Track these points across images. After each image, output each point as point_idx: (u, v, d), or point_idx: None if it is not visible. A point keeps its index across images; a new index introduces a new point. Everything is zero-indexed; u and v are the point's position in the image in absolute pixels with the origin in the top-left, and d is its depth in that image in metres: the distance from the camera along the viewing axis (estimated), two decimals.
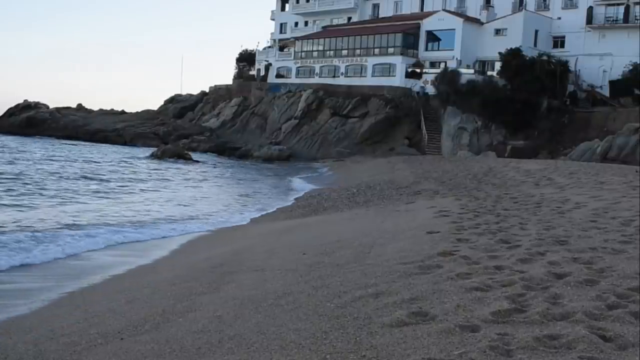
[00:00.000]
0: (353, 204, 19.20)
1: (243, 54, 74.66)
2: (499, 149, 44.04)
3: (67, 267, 11.05)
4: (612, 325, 4.63)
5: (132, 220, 16.90)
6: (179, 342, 5.50)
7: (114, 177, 30.06)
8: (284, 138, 56.03)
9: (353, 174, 34.51)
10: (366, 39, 57.81)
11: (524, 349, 4.24)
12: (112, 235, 14.25)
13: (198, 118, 68.19)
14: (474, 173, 26.28)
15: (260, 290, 7.15)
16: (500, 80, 47.07)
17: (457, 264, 7.12)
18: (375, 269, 7.42)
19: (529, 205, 13.20)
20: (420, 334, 4.75)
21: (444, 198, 16.98)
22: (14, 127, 64.16)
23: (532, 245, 8.04)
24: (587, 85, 49.44)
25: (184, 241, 14.23)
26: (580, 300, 5.30)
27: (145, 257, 12.12)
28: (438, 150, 47.53)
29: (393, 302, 5.70)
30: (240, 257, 10.31)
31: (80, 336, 6.17)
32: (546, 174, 22.71)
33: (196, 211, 20.00)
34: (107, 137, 62.44)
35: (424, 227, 10.62)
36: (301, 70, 62.69)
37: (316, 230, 13.52)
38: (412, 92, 52.14)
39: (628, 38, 48.82)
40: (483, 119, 46.31)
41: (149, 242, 14.17)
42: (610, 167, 27.25)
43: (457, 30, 53.89)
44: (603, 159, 35.13)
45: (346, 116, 54.22)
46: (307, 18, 71.49)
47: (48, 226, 14.90)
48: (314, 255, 9.10)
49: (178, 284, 8.41)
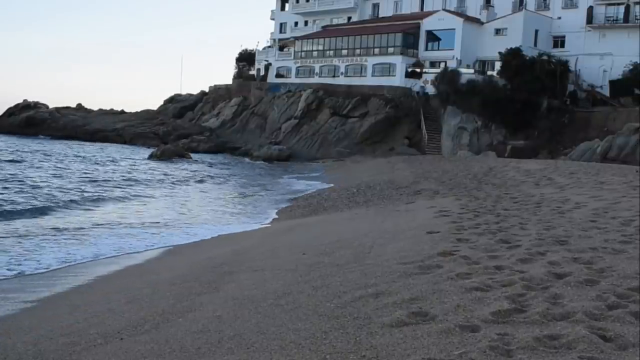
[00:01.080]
0: (353, 204, 19.19)
1: (243, 53, 74.64)
2: (499, 149, 44.02)
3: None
4: (612, 325, 4.62)
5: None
6: (179, 342, 5.49)
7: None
8: (283, 138, 56.01)
9: (353, 174, 34.49)
10: (366, 38, 57.78)
11: (524, 349, 4.24)
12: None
13: (198, 118, 68.16)
14: (474, 173, 26.27)
15: (260, 290, 7.14)
16: (500, 80, 47.05)
17: (457, 264, 7.11)
18: (375, 269, 7.41)
19: (529, 205, 13.19)
20: (420, 334, 4.74)
21: (444, 198, 16.97)
22: (13, 127, 64.13)
23: (532, 245, 8.03)
24: (587, 85, 49.42)
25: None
26: (581, 300, 5.29)
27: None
28: (438, 150, 47.51)
29: (393, 302, 5.69)
30: (240, 257, 10.30)
31: (79, 336, 6.17)
32: (546, 174, 22.70)
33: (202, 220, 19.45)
34: (106, 137, 62.47)
35: (424, 227, 10.61)
36: (301, 70, 62.66)
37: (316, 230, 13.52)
38: (412, 92, 52.11)
39: (628, 38, 48.80)
40: (483, 119, 46.30)
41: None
42: (611, 167, 27.23)
43: (457, 30, 53.87)
44: (603, 159, 35.11)
45: (346, 116, 54.20)
46: (307, 18, 71.46)
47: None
48: (313, 255, 9.10)
49: (178, 283, 8.40)
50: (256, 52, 71.38)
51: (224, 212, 20.39)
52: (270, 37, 75.22)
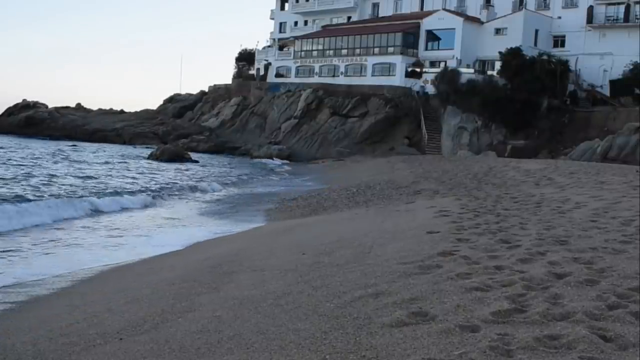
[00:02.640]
0: (353, 203, 19.18)
1: (242, 53, 74.67)
2: (499, 149, 44.03)
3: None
4: (612, 325, 4.61)
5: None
6: (178, 342, 5.48)
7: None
8: (283, 138, 56.02)
9: (353, 174, 34.47)
10: (366, 38, 57.79)
11: (524, 349, 4.23)
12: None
13: (197, 117, 68.18)
14: (474, 173, 26.25)
15: (260, 290, 7.13)
16: (500, 79, 47.07)
17: (457, 264, 7.10)
18: (375, 269, 7.39)
19: (529, 205, 13.18)
20: (420, 334, 4.73)
21: (444, 198, 16.95)
22: (12, 126, 64.13)
23: (532, 245, 8.01)
24: (587, 84, 49.45)
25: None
26: (581, 300, 5.28)
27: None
28: (438, 149, 47.51)
29: (393, 302, 5.68)
30: (239, 257, 10.28)
31: (79, 336, 6.15)
32: (546, 174, 22.68)
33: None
34: (106, 136, 62.47)
35: (424, 227, 10.60)
36: (301, 70, 62.66)
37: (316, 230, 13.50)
38: (412, 92, 52.12)
39: (628, 37, 48.82)
40: (483, 119, 46.32)
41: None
42: (611, 166, 27.22)
43: (457, 29, 53.90)
44: (603, 159, 35.11)
45: (346, 116, 54.20)
46: (306, 17, 71.47)
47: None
48: (313, 255, 9.08)
49: (177, 283, 8.38)
50: (256, 51, 71.41)
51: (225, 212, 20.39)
52: (270, 36, 75.26)
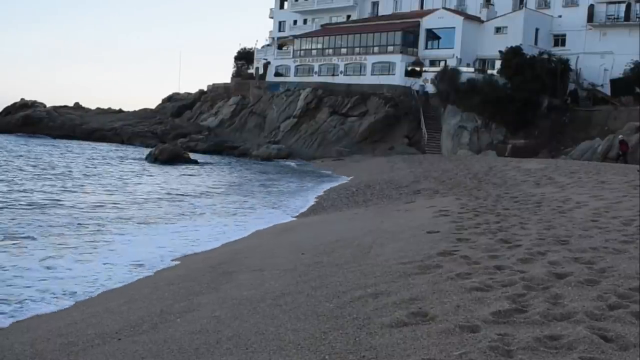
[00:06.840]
0: (352, 203, 19.17)
1: (241, 52, 74.61)
2: (499, 148, 44.00)
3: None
4: (613, 325, 4.60)
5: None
6: (177, 342, 5.47)
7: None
8: (282, 137, 55.97)
9: (352, 174, 34.47)
10: (365, 37, 57.73)
11: (524, 350, 4.21)
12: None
13: (196, 117, 68.07)
14: (474, 172, 26.24)
15: (259, 290, 7.11)
16: (500, 78, 47.01)
17: (457, 264, 7.08)
18: (374, 268, 7.38)
19: (529, 205, 13.16)
20: (420, 335, 4.71)
21: (444, 197, 16.94)
22: (10, 126, 64.05)
23: (532, 245, 8.00)
24: (588, 83, 49.37)
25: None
26: (581, 300, 5.27)
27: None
28: (438, 149, 47.48)
29: (392, 302, 5.66)
30: (239, 257, 10.27)
31: (77, 336, 6.14)
32: (547, 173, 22.67)
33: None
34: (104, 136, 62.38)
35: (424, 226, 10.59)
36: (300, 69, 62.62)
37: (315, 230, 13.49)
38: (412, 91, 52.07)
39: (629, 36, 48.76)
40: (483, 118, 46.27)
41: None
42: (611, 166, 27.20)
43: (457, 28, 53.84)
44: (604, 158, 35.09)
45: (345, 115, 54.15)
46: (306, 16, 71.41)
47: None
48: (313, 255, 9.07)
49: (176, 283, 8.37)
50: (255, 50, 71.33)
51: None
52: (269, 35, 75.15)
